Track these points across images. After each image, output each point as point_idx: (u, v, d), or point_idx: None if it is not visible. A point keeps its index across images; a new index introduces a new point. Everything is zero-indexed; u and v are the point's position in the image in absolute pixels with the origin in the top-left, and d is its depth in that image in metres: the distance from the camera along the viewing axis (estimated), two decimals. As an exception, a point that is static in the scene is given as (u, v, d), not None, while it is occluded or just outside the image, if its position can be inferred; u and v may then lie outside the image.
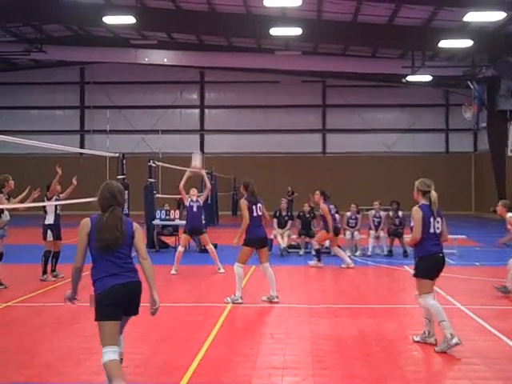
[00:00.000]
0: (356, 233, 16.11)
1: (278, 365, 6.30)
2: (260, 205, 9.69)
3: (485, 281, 11.75)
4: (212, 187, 14.77)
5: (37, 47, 29.56)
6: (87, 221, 5.00)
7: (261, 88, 38.45)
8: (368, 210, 17.37)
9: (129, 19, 23.86)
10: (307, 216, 16.37)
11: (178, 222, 16.76)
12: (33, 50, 29.88)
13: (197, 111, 40.10)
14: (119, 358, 4.90)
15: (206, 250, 13.76)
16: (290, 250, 16.35)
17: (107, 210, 5.00)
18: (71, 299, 5.18)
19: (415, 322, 8.01)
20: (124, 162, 15.65)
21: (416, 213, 6.95)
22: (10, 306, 9.41)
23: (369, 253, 15.90)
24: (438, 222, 7.01)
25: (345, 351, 6.84)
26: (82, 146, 39.03)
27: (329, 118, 39.32)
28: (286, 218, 16.63)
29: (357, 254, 15.82)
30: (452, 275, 11.74)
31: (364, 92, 38.25)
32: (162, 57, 33.12)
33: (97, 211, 5.10)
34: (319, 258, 14.02)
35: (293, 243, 16.84)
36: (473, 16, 20.50)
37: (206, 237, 13.52)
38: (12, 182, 10.93)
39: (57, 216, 11.82)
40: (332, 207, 14.36)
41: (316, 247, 14.22)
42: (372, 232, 16.12)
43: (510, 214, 9.99)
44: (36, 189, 11.40)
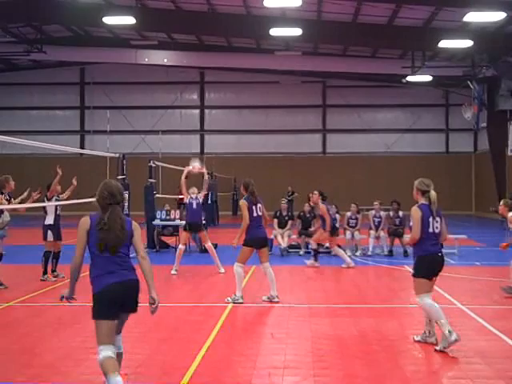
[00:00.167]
0: (356, 233, 16.13)
1: (279, 364, 6.30)
2: (260, 205, 9.69)
3: (485, 280, 11.76)
4: (208, 186, 14.88)
5: (37, 48, 29.52)
6: (87, 219, 5.00)
7: (261, 88, 38.42)
8: (368, 210, 17.38)
9: (129, 19, 23.88)
10: (307, 216, 16.38)
11: (178, 222, 16.78)
12: (33, 51, 29.82)
13: (197, 111, 40.09)
14: (115, 358, 4.89)
15: (207, 251, 13.80)
16: (290, 250, 16.35)
17: (107, 209, 4.99)
18: (69, 298, 5.14)
19: (416, 322, 8.02)
20: (124, 163, 15.69)
21: (415, 212, 6.95)
22: (11, 307, 9.41)
23: (369, 253, 15.93)
24: (438, 222, 7.01)
25: (345, 351, 6.84)
26: (82, 147, 39.03)
27: (329, 118, 39.31)
28: (287, 218, 16.64)
29: (357, 254, 15.83)
30: (452, 275, 11.75)
31: (364, 92, 38.24)
32: (162, 57, 33.08)
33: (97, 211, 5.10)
34: (316, 258, 14.03)
35: (293, 243, 16.85)
36: (473, 16, 20.49)
37: (205, 234, 13.61)
38: (12, 183, 10.94)
39: (57, 216, 11.83)
40: (333, 207, 14.34)
41: (314, 247, 14.23)
42: (372, 232, 16.13)
43: None
44: (36, 190, 11.42)
